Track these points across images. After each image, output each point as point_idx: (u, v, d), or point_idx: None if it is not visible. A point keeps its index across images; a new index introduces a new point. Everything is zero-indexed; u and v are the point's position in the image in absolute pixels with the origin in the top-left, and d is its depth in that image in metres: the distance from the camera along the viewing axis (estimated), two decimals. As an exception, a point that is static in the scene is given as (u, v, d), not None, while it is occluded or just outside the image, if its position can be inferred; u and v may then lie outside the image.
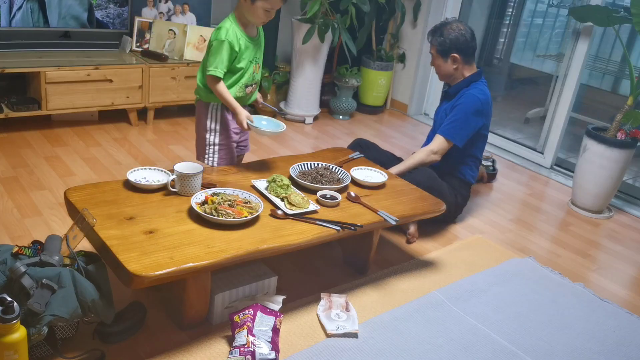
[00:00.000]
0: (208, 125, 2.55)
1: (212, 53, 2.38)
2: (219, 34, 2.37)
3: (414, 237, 2.77)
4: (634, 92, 3.27)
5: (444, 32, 2.82)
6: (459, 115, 2.79)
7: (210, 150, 2.58)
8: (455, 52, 2.82)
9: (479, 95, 2.80)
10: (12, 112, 3.30)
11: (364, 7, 4.06)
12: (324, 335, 2.04)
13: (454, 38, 2.81)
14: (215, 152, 2.58)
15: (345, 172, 2.45)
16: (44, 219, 2.56)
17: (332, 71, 4.58)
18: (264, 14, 2.36)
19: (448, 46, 2.82)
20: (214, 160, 2.59)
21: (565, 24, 5.10)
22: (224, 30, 2.37)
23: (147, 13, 3.88)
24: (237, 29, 2.39)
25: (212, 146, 2.58)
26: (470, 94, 2.81)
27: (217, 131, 2.56)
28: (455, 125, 2.80)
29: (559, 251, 2.93)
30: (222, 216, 1.96)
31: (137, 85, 3.63)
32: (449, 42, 2.81)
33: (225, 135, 2.57)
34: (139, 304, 1.99)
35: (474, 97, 2.80)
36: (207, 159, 2.60)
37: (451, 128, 2.80)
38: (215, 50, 2.37)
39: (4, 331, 1.52)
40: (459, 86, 2.88)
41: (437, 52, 2.86)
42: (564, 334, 2.23)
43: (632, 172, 4.02)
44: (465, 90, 2.85)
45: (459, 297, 2.36)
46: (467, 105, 2.80)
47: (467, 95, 2.82)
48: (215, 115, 2.53)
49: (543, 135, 4.10)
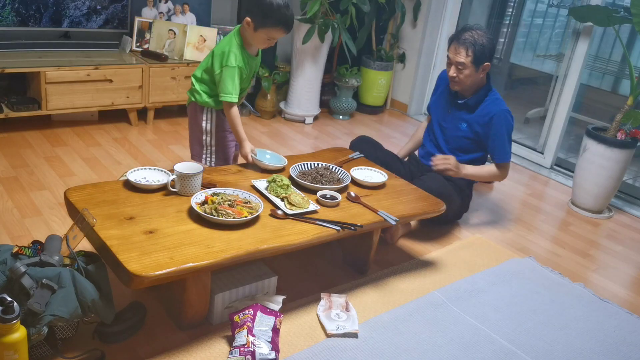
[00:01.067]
0: (204, 126, 2.57)
1: (225, 79, 2.40)
2: (229, 59, 2.39)
3: (394, 237, 2.71)
4: (634, 92, 3.27)
5: (477, 39, 2.61)
6: (505, 137, 2.73)
7: (207, 151, 2.62)
8: (489, 60, 2.66)
9: (509, 112, 2.73)
10: (12, 112, 3.30)
11: (364, 7, 4.06)
12: (324, 335, 2.04)
13: (491, 45, 2.64)
14: (212, 153, 2.62)
15: (345, 172, 2.46)
16: (44, 219, 2.56)
17: (332, 71, 4.58)
18: (265, 42, 2.41)
19: (487, 54, 2.63)
20: (211, 161, 2.63)
21: (565, 24, 5.10)
22: (233, 56, 2.39)
23: (147, 13, 3.88)
24: (242, 52, 2.43)
25: (209, 147, 2.61)
26: (503, 111, 2.71)
27: (213, 132, 2.59)
28: (505, 146, 2.75)
29: (559, 251, 2.93)
30: (222, 216, 1.96)
31: (137, 85, 3.63)
32: (487, 51, 2.62)
33: (221, 136, 2.60)
34: (139, 304, 1.99)
35: (507, 113, 2.71)
36: (204, 159, 2.64)
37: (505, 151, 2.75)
38: (228, 77, 2.40)
39: (4, 331, 1.52)
40: (478, 97, 2.75)
41: (472, 61, 2.62)
42: (564, 334, 2.23)
43: (632, 172, 4.02)
44: (489, 104, 2.73)
45: (459, 297, 2.36)
46: (507, 125, 2.72)
47: (501, 114, 2.70)
48: (211, 117, 2.56)
49: (543, 135, 4.10)
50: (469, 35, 2.62)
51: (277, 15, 2.32)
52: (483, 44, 2.61)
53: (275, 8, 2.31)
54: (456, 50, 2.64)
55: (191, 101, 2.59)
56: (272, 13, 2.31)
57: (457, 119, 2.82)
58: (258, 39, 2.40)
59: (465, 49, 2.61)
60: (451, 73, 2.69)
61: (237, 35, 2.43)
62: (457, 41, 2.65)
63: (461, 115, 2.81)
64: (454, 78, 2.70)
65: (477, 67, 2.65)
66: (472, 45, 2.60)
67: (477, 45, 2.60)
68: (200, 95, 2.52)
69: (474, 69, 2.64)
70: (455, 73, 2.68)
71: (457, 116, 2.82)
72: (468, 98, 2.77)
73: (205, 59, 2.51)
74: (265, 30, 2.35)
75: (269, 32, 2.36)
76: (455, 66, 2.67)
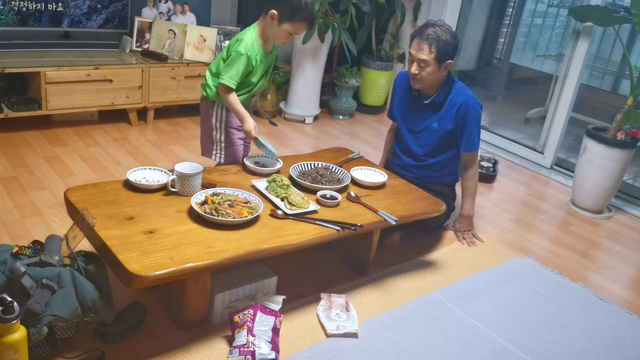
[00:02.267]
0: (214, 123, 2.59)
1: (229, 63, 2.41)
2: (239, 45, 2.41)
3: (393, 243, 2.69)
4: (634, 92, 3.27)
5: (440, 35, 2.51)
6: (473, 125, 2.66)
7: (217, 147, 2.64)
8: (451, 58, 2.57)
9: (476, 100, 2.67)
10: (12, 112, 3.30)
11: (364, 7, 4.06)
12: (324, 335, 2.04)
13: (454, 42, 2.56)
14: (222, 149, 2.63)
15: (345, 172, 2.46)
16: (44, 219, 2.56)
17: (332, 71, 4.58)
18: (287, 37, 2.42)
19: (450, 52, 2.54)
20: (221, 157, 2.64)
21: (565, 24, 5.11)
22: (244, 43, 2.40)
23: (147, 13, 3.88)
24: (257, 44, 2.43)
25: (219, 143, 2.63)
26: (469, 99, 2.63)
27: (222, 128, 2.60)
28: (473, 135, 2.68)
29: (559, 251, 2.93)
30: (222, 216, 1.96)
31: (137, 85, 3.63)
32: (451, 48, 2.54)
33: (230, 132, 2.62)
34: (139, 304, 1.99)
35: (474, 101, 2.64)
36: (214, 155, 2.65)
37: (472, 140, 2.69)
38: (233, 61, 2.40)
39: (4, 331, 1.52)
40: (444, 92, 2.66)
41: (435, 58, 2.53)
42: (564, 334, 2.23)
43: (632, 172, 4.02)
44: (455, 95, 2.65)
45: (459, 297, 2.36)
46: (474, 113, 2.64)
47: (470, 105, 2.63)
48: (220, 114, 2.57)
49: (543, 135, 4.10)
50: (432, 31, 2.52)
51: (305, 10, 2.34)
52: (447, 40, 2.52)
53: (304, 4, 2.34)
54: (419, 47, 2.54)
55: (203, 96, 2.60)
56: (301, 8, 2.34)
57: (426, 120, 2.72)
58: (281, 33, 2.40)
59: (429, 45, 2.51)
60: (413, 70, 2.59)
61: (254, 28, 2.46)
62: (420, 37, 2.54)
63: (430, 115, 2.71)
64: (415, 76, 2.59)
65: (440, 65, 2.55)
66: (435, 41, 2.50)
67: (441, 42, 2.51)
68: (211, 89, 2.53)
69: (436, 66, 2.55)
70: (417, 70, 2.57)
71: (426, 117, 2.73)
72: (433, 96, 2.68)
73: (221, 53, 2.52)
74: (291, 24, 2.36)
75: (295, 26, 2.37)
76: (417, 63, 2.56)
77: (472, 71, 5.51)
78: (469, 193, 2.82)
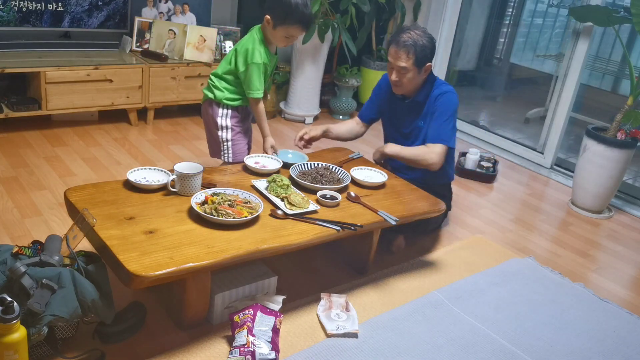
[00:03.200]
0: (219, 122, 2.62)
1: (252, 76, 2.48)
2: (254, 56, 2.46)
3: (400, 247, 2.67)
4: (634, 92, 3.27)
5: (417, 40, 2.49)
6: (443, 116, 2.58)
7: (225, 147, 2.65)
8: (430, 60, 2.55)
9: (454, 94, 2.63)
10: (12, 112, 3.30)
11: (364, 7, 4.06)
12: (324, 335, 2.04)
13: (431, 45, 2.53)
14: (229, 148, 2.66)
15: (345, 172, 2.46)
16: (44, 219, 2.56)
17: (332, 71, 4.58)
18: (284, 40, 2.47)
19: (428, 55, 2.52)
20: (229, 156, 2.66)
21: (565, 24, 5.11)
22: (257, 53, 2.46)
23: (147, 13, 3.88)
24: (264, 49, 2.49)
25: (226, 142, 2.64)
26: (444, 92, 2.60)
27: (229, 128, 2.63)
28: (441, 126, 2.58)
29: (559, 251, 2.93)
30: (222, 216, 1.96)
31: (137, 85, 3.63)
32: (428, 51, 2.52)
33: (237, 131, 2.65)
34: (139, 304, 1.98)
35: (449, 94, 2.60)
36: (222, 155, 2.68)
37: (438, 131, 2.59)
38: (256, 74, 2.47)
39: (4, 331, 1.52)
40: (425, 91, 2.63)
41: (414, 64, 2.51)
42: (564, 334, 2.23)
43: (632, 172, 4.02)
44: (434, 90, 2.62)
45: (459, 297, 2.36)
46: (446, 103, 2.59)
47: (442, 94, 2.60)
48: (227, 113, 2.61)
49: (543, 135, 4.11)
50: (408, 37, 2.50)
51: (297, 13, 2.37)
52: (424, 44, 2.50)
53: (294, 7, 2.36)
54: (396, 54, 2.52)
55: (207, 98, 2.62)
56: (292, 11, 2.37)
57: (413, 119, 2.70)
58: (277, 37, 2.46)
59: (406, 52, 2.49)
60: (393, 77, 2.58)
61: (259, 32, 2.49)
62: (397, 45, 2.52)
63: (415, 115, 2.69)
64: (396, 82, 2.58)
65: (419, 69, 2.54)
66: (412, 47, 2.48)
67: (418, 47, 2.48)
68: (222, 92, 2.57)
69: (416, 71, 2.54)
70: (397, 77, 2.56)
71: (413, 116, 2.70)
72: (415, 96, 2.66)
73: (227, 56, 2.57)
74: (284, 28, 2.41)
75: (288, 30, 2.42)
76: (397, 71, 2.55)
77: (472, 71, 5.51)
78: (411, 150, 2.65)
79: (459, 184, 3.53)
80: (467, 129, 4.50)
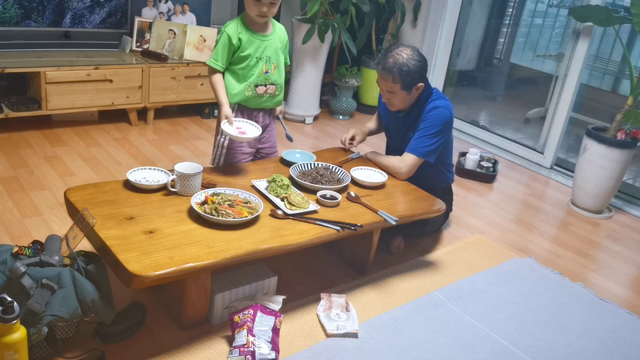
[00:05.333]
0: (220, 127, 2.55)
1: (217, 43, 2.47)
2: (226, 25, 2.46)
3: (399, 248, 2.67)
4: (634, 92, 3.27)
5: (401, 64, 2.44)
6: (426, 129, 2.54)
7: (217, 151, 2.60)
8: (420, 81, 2.51)
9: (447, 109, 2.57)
10: (12, 112, 3.30)
11: (364, 7, 4.06)
12: (324, 335, 2.04)
13: (417, 67, 2.47)
14: (221, 155, 2.59)
15: (345, 172, 2.46)
16: (44, 219, 2.56)
17: (332, 71, 4.58)
18: (254, 6, 2.36)
19: (417, 77, 2.48)
20: (218, 162, 2.60)
21: (565, 24, 5.11)
22: (231, 24, 2.45)
23: (147, 13, 3.88)
24: (239, 23, 2.45)
25: (221, 148, 2.58)
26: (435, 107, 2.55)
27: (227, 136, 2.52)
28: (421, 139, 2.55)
29: (559, 251, 2.93)
30: (222, 216, 1.96)
31: (137, 85, 3.63)
32: (415, 74, 2.47)
33: (235, 143, 2.55)
34: (139, 304, 1.98)
35: (443, 110, 2.55)
36: (213, 159, 2.62)
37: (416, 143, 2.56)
38: (221, 42, 2.45)
39: (4, 331, 1.52)
40: (418, 107, 2.60)
41: (401, 87, 2.48)
42: (564, 334, 2.23)
43: (632, 172, 4.02)
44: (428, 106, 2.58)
45: (459, 297, 2.36)
46: (435, 118, 2.54)
47: (433, 109, 2.55)
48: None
49: (543, 135, 4.11)
50: (392, 62, 2.45)
51: None
52: (409, 69, 2.44)
53: None
54: (382, 78, 2.51)
55: None
56: None
57: (406, 132, 2.67)
58: (248, 5, 2.38)
59: (392, 77, 2.46)
60: (384, 99, 2.59)
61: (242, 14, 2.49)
62: (382, 69, 2.48)
63: (408, 127, 2.66)
64: (387, 102, 2.59)
65: (408, 91, 2.51)
66: (397, 73, 2.44)
67: (403, 73, 2.44)
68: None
69: (405, 93, 2.51)
70: (387, 98, 2.57)
71: (406, 129, 2.68)
72: (409, 111, 2.63)
73: None
74: None
75: None
76: (386, 92, 2.55)
77: (472, 71, 5.51)
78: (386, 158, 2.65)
79: (459, 184, 3.54)
80: (467, 129, 4.50)
